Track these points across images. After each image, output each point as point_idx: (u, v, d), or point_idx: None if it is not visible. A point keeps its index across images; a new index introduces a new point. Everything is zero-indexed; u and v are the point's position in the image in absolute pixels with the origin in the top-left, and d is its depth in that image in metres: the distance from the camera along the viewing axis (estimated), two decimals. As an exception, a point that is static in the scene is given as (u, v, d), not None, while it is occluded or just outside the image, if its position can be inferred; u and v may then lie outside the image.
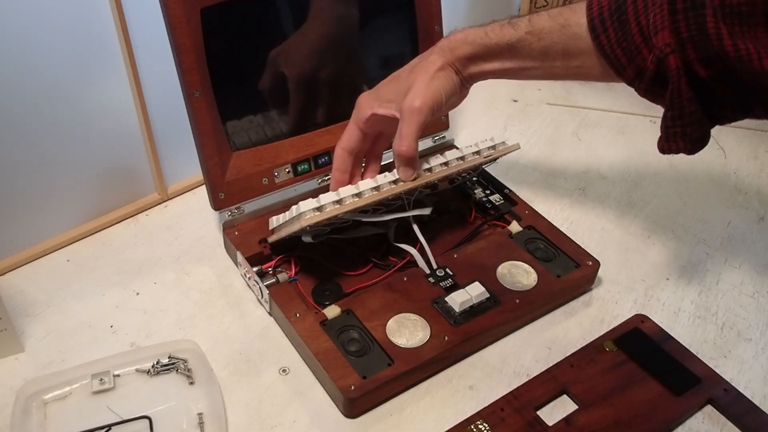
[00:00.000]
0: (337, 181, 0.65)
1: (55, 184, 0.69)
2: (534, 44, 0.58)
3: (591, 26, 0.55)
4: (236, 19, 0.64)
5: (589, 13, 0.55)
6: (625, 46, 0.53)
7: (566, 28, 0.57)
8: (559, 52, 0.58)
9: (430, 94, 0.60)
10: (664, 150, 0.54)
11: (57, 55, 0.63)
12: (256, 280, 0.64)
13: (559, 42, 0.57)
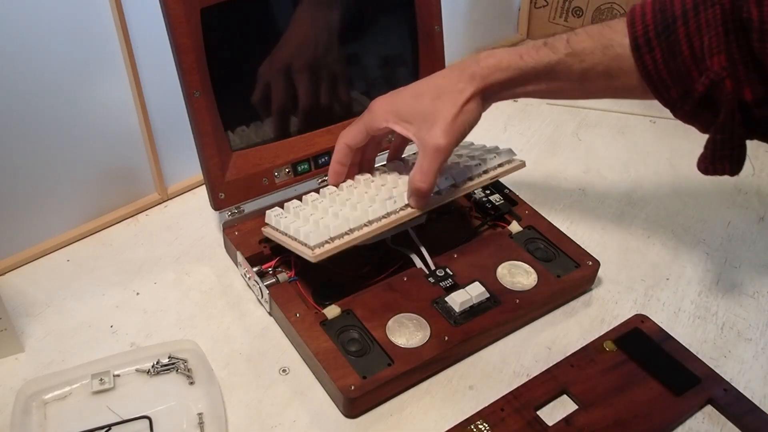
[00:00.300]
0: (336, 172, 0.66)
1: (55, 184, 0.69)
2: (574, 66, 0.57)
3: (635, 45, 0.53)
4: (236, 19, 0.64)
5: (633, 32, 0.54)
6: (672, 67, 0.52)
7: (609, 49, 0.55)
8: (600, 73, 0.56)
9: (456, 131, 0.58)
10: (708, 171, 0.54)
11: (57, 55, 0.63)
12: (256, 280, 0.64)
13: (601, 63, 0.56)
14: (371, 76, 0.76)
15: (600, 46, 0.55)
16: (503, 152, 0.70)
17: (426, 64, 0.77)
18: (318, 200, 0.65)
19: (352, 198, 0.64)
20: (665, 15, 0.52)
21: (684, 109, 0.53)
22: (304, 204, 0.65)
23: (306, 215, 0.62)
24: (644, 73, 0.54)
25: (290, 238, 0.61)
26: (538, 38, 0.59)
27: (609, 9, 1.03)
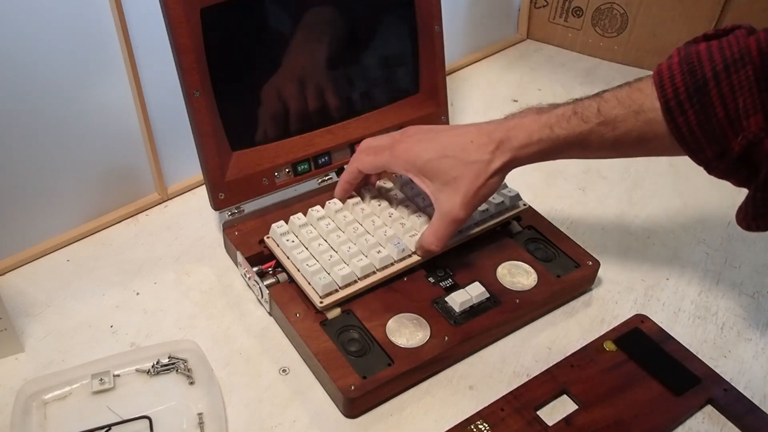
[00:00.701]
0: (343, 190, 0.68)
1: (55, 184, 0.69)
2: (607, 134, 0.56)
3: (666, 108, 0.53)
4: (236, 19, 0.64)
5: (663, 95, 0.53)
6: (707, 128, 0.52)
7: (640, 114, 0.54)
8: (633, 139, 0.56)
9: (476, 204, 0.59)
10: (751, 228, 0.54)
11: (57, 55, 0.63)
12: (256, 280, 0.64)
13: (634, 129, 0.55)
14: (371, 76, 0.76)
15: (632, 113, 0.55)
16: (510, 197, 0.70)
17: (426, 64, 0.78)
18: (324, 220, 0.66)
19: (358, 230, 0.65)
20: (695, 77, 0.52)
21: (720, 168, 0.53)
22: (309, 221, 0.66)
23: (315, 247, 0.63)
24: (677, 135, 0.53)
25: (296, 269, 0.63)
26: (538, 38, 0.59)
27: (609, 9, 1.03)
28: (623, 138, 0.56)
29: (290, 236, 0.65)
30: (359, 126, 0.75)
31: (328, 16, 0.71)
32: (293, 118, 0.71)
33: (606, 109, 0.56)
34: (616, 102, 0.55)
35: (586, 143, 0.57)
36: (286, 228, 0.65)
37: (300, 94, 0.71)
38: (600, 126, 0.56)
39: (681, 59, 0.53)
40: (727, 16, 0.95)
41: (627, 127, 0.55)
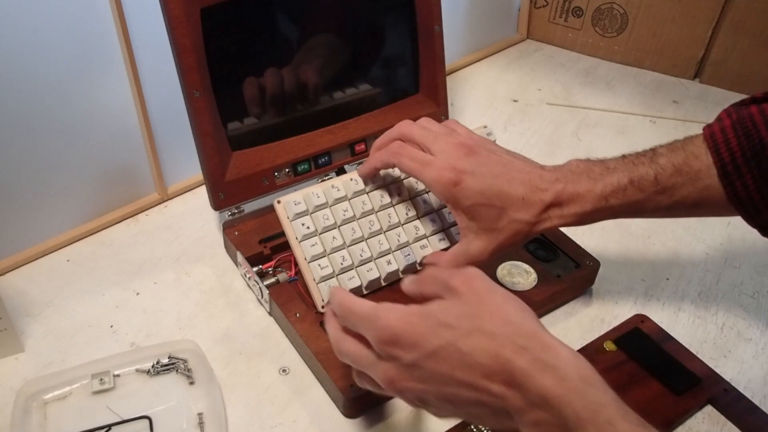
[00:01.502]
0: (370, 174, 0.63)
1: (55, 184, 0.69)
2: (663, 201, 0.55)
3: (723, 173, 0.52)
4: (236, 19, 0.64)
5: (719, 159, 0.52)
6: (765, 192, 0.52)
7: (698, 181, 0.53)
8: (689, 205, 0.55)
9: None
10: None
11: (57, 55, 0.63)
12: (256, 280, 0.64)
13: (690, 195, 0.54)
14: (371, 75, 0.76)
15: (689, 180, 0.54)
16: None
17: (426, 64, 0.78)
18: (342, 204, 0.63)
19: (374, 225, 0.63)
20: (751, 140, 0.51)
21: None
22: (328, 200, 0.62)
23: (328, 241, 0.62)
24: (735, 200, 0.53)
25: (304, 260, 0.61)
26: (538, 38, 0.58)
27: (609, 9, 1.03)
28: (679, 204, 0.55)
29: (306, 219, 0.62)
30: (359, 126, 0.75)
31: (329, 15, 0.71)
32: (293, 118, 0.71)
33: (663, 178, 0.54)
34: (673, 170, 0.54)
35: (640, 210, 0.55)
36: (303, 206, 0.62)
37: (300, 94, 0.71)
38: (657, 194, 0.54)
39: (734, 123, 0.53)
40: (727, 16, 0.95)
41: (683, 193, 0.54)
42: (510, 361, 0.39)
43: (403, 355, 0.41)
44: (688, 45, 1.00)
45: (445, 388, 0.41)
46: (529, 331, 0.41)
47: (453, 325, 0.40)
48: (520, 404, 0.39)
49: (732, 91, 1.00)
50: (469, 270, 0.44)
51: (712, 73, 1.01)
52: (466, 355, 0.40)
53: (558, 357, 0.40)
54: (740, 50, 0.97)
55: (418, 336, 0.41)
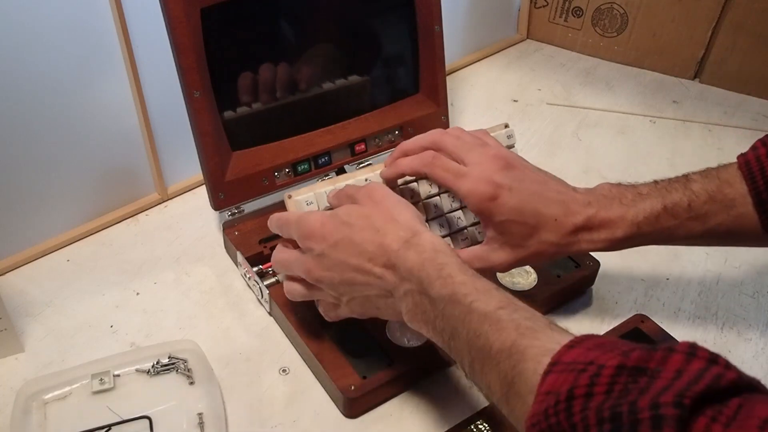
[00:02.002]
0: (392, 180, 0.61)
1: (55, 184, 0.69)
2: (696, 228, 0.54)
3: (758, 201, 0.53)
4: (236, 19, 0.64)
5: (754, 188, 0.53)
6: None
7: (732, 209, 0.53)
8: (722, 233, 0.54)
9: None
10: None
11: (57, 55, 0.63)
12: (256, 280, 0.64)
13: (723, 223, 0.54)
14: (371, 76, 0.76)
15: (723, 207, 0.53)
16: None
17: (426, 64, 0.78)
18: None
19: None
20: None
21: None
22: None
23: None
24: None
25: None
26: (538, 38, 0.58)
27: (609, 9, 1.03)
28: (712, 231, 0.54)
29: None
30: (359, 126, 0.75)
31: (329, 15, 0.71)
32: (293, 118, 0.71)
33: (697, 205, 0.54)
34: (707, 197, 0.54)
35: (672, 237, 0.55)
36: (315, 207, 0.59)
37: (300, 94, 0.71)
38: (689, 221, 0.54)
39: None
40: (727, 16, 0.95)
41: (717, 221, 0.54)
42: (388, 246, 0.48)
43: (315, 246, 0.51)
44: (688, 45, 1.00)
45: (344, 273, 0.50)
46: (407, 225, 0.49)
47: (351, 223, 0.50)
48: (394, 280, 0.48)
49: (732, 91, 1.00)
50: (373, 183, 0.55)
51: (712, 73, 1.01)
52: (358, 245, 0.49)
53: (421, 238, 0.48)
54: (740, 50, 0.97)
55: (326, 232, 0.51)
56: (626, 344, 0.38)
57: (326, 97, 0.73)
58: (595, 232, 0.55)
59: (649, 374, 0.34)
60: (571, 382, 0.35)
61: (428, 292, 0.46)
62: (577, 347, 0.38)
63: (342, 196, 0.55)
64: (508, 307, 0.44)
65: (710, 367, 0.34)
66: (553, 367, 0.37)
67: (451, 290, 0.45)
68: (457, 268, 0.46)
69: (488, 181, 0.54)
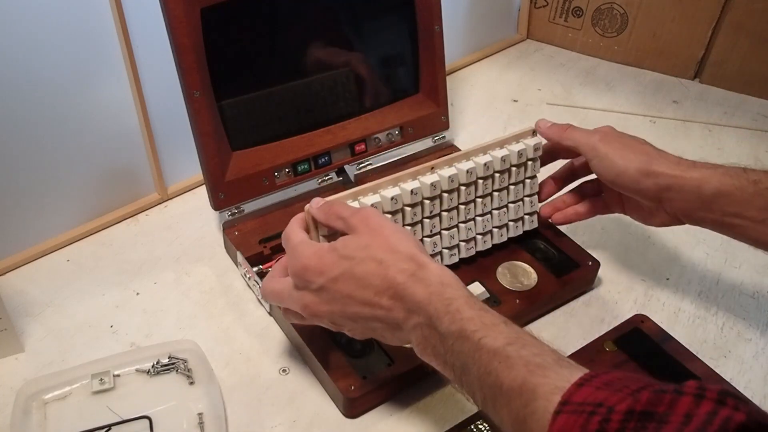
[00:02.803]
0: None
1: (55, 184, 0.69)
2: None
3: None
4: (236, 19, 0.64)
5: None
6: None
7: None
8: None
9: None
10: None
11: (57, 55, 0.63)
12: (256, 280, 0.64)
13: None
14: (371, 76, 0.76)
15: None
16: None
17: (426, 64, 0.78)
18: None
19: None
20: None
21: None
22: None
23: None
24: None
25: None
26: (538, 38, 0.58)
27: (609, 9, 1.03)
28: None
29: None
30: (359, 126, 0.75)
31: (329, 16, 0.71)
32: (293, 118, 0.71)
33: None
34: None
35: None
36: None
37: (300, 93, 0.71)
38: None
39: None
40: (727, 16, 0.95)
41: None
42: (393, 279, 0.47)
43: (313, 280, 0.49)
44: (688, 45, 1.00)
45: (348, 307, 0.49)
46: (409, 255, 0.48)
47: (351, 255, 0.49)
48: (402, 313, 0.47)
49: (732, 92, 1.00)
50: (367, 209, 0.53)
51: (712, 73, 1.01)
52: (361, 279, 0.48)
53: (427, 271, 0.47)
54: (740, 50, 0.97)
55: (324, 266, 0.49)
56: (635, 380, 0.37)
57: (326, 97, 0.73)
58: (682, 193, 0.57)
59: (658, 419, 0.34)
60: (581, 426, 0.35)
61: (437, 327, 0.45)
62: (586, 386, 0.38)
63: (332, 216, 0.53)
64: (517, 343, 0.43)
65: (719, 409, 0.33)
66: (563, 407, 0.37)
67: (459, 326, 0.44)
68: (464, 303, 0.45)
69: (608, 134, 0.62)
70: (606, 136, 0.61)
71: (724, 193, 0.56)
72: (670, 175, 0.57)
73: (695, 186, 0.56)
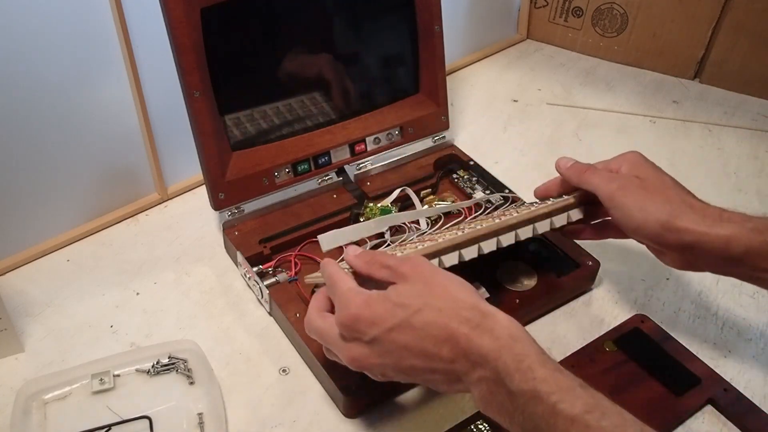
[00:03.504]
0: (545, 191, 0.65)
1: (55, 184, 0.69)
2: None
3: None
4: (236, 19, 0.64)
5: None
6: None
7: None
8: None
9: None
10: None
11: (57, 56, 0.63)
12: (256, 280, 0.64)
13: None
14: (371, 76, 0.76)
15: None
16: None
17: (426, 64, 0.78)
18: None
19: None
20: None
21: None
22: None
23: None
24: None
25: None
26: (538, 38, 0.57)
27: (609, 9, 1.03)
28: None
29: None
30: (359, 126, 0.75)
31: (328, 16, 0.71)
32: (293, 118, 0.71)
33: None
34: None
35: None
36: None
37: (300, 94, 0.71)
38: None
39: None
40: (727, 16, 0.95)
41: None
42: (456, 330, 0.44)
43: (364, 333, 0.46)
44: (688, 45, 1.00)
45: (403, 360, 0.45)
46: (470, 304, 0.45)
47: (406, 304, 0.45)
48: (465, 366, 0.44)
49: (732, 92, 1.00)
50: (416, 257, 0.50)
51: (712, 73, 1.01)
52: (418, 329, 0.45)
53: (494, 321, 0.44)
54: (740, 50, 0.97)
55: (377, 316, 0.45)
56: None
57: (326, 97, 0.73)
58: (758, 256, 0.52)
59: None
60: None
61: (506, 384, 0.42)
62: None
63: (375, 265, 0.50)
64: (596, 411, 0.41)
65: None
66: None
67: (532, 386, 0.41)
68: (536, 360, 0.43)
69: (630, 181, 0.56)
70: (626, 185, 0.56)
71: (754, 252, 0.52)
72: (695, 231, 0.53)
73: (723, 244, 0.52)
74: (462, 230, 0.58)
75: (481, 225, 0.58)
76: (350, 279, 0.49)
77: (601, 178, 0.57)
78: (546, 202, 0.62)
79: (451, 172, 0.80)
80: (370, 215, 0.71)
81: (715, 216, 0.54)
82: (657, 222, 0.54)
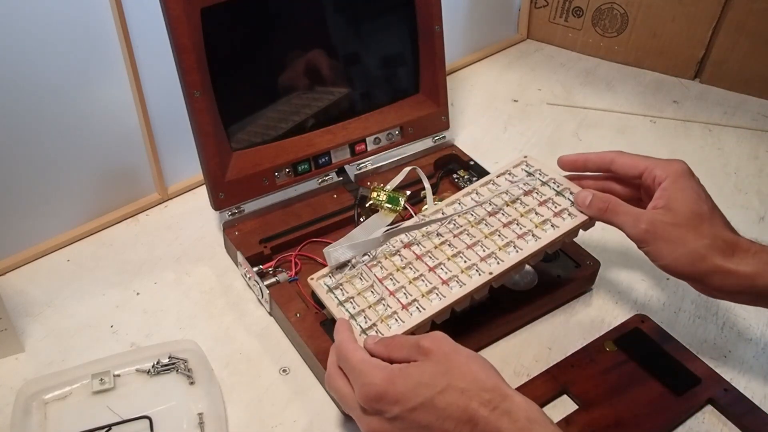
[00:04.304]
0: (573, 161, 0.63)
1: (55, 184, 0.69)
2: None
3: None
4: (236, 19, 0.64)
5: None
6: None
7: None
8: None
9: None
10: None
11: (57, 56, 0.63)
12: (256, 280, 0.64)
13: None
14: (371, 76, 0.76)
15: None
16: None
17: (426, 64, 0.78)
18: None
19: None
20: None
21: None
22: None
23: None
24: None
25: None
26: (538, 38, 0.57)
27: (609, 9, 1.03)
28: None
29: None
30: (359, 126, 0.75)
31: (328, 16, 0.71)
32: (293, 118, 0.71)
33: None
34: None
35: None
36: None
37: (300, 93, 0.71)
38: None
39: None
40: (727, 16, 0.95)
41: None
42: (476, 412, 0.45)
43: (387, 410, 0.46)
44: (688, 45, 1.00)
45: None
46: (492, 386, 0.46)
47: (429, 383, 0.46)
48: None
49: (732, 92, 1.00)
50: (436, 333, 0.50)
51: (712, 73, 1.01)
52: (440, 410, 0.45)
53: (513, 404, 0.45)
54: (740, 50, 0.97)
55: (400, 394, 0.46)
56: None
57: (326, 97, 0.73)
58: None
59: None
60: None
61: None
62: None
63: (395, 348, 0.50)
64: None
65: None
66: None
67: None
68: None
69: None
70: (654, 226, 0.55)
71: None
72: (723, 269, 0.53)
73: (749, 279, 0.53)
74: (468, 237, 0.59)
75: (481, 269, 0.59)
76: (361, 349, 0.50)
77: (626, 216, 0.57)
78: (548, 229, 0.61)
79: (452, 172, 0.80)
80: (377, 202, 0.70)
81: (743, 249, 0.54)
82: (687, 263, 0.54)
